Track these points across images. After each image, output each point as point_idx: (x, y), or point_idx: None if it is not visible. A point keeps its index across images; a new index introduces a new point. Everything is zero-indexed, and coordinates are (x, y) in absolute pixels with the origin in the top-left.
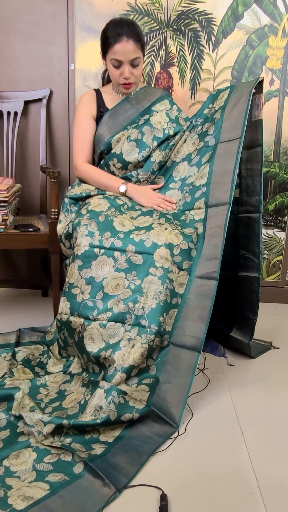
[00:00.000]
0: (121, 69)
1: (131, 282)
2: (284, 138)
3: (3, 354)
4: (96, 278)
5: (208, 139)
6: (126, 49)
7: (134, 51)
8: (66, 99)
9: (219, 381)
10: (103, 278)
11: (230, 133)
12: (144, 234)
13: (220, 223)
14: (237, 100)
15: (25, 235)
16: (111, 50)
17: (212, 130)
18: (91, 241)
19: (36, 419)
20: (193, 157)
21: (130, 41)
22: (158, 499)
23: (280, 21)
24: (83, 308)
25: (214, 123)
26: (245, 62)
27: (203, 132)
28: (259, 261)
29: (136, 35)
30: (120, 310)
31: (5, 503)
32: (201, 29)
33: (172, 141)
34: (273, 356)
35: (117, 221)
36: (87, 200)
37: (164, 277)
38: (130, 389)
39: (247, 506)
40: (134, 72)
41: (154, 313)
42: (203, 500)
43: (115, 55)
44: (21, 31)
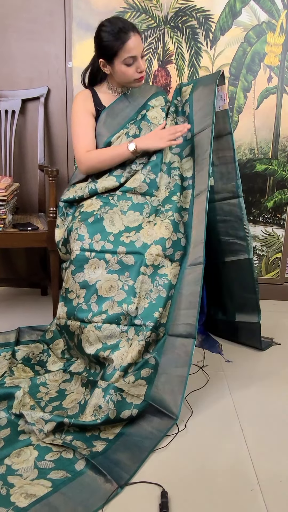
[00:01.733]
0: (135, 64)
1: (124, 283)
2: (282, 135)
3: (3, 353)
4: (89, 281)
5: (184, 134)
6: (136, 43)
7: (141, 43)
8: (64, 97)
9: (218, 378)
10: (96, 281)
11: (201, 124)
12: (134, 235)
13: (201, 207)
14: (202, 92)
15: (24, 234)
16: (124, 50)
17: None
18: (82, 245)
19: (37, 417)
20: (174, 146)
21: (136, 35)
22: (158, 496)
23: (278, 18)
24: (78, 312)
25: (187, 116)
26: (243, 59)
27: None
28: (247, 243)
29: (136, 28)
30: (114, 312)
31: (7, 501)
32: (198, 26)
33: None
34: (273, 353)
35: (107, 219)
36: (81, 203)
37: (154, 275)
38: (127, 385)
39: (247, 502)
40: (144, 64)
41: (147, 312)
42: (203, 497)
43: (130, 52)
44: (18, 29)
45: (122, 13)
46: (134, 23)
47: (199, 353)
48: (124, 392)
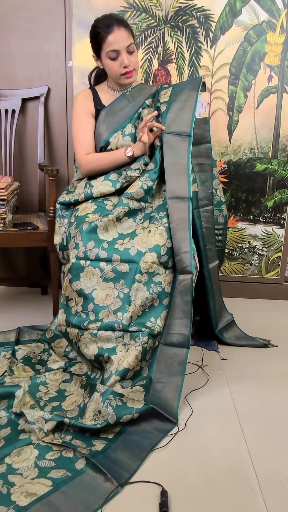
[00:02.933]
0: (119, 59)
1: (120, 291)
2: (283, 135)
3: (3, 353)
4: (85, 289)
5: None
6: (119, 36)
7: (127, 38)
8: (64, 97)
9: (218, 377)
10: (93, 290)
11: (176, 125)
12: (128, 242)
13: (183, 216)
14: (179, 96)
15: (24, 234)
16: (106, 43)
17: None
18: (77, 253)
19: (37, 416)
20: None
21: (121, 29)
22: (158, 495)
23: (278, 17)
24: (76, 319)
25: (161, 114)
26: (243, 59)
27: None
28: (216, 249)
29: (124, 21)
30: (109, 320)
31: (8, 500)
32: (199, 26)
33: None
34: (272, 352)
35: (101, 226)
36: (77, 207)
37: (149, 282)
38: (125, 391)
39: (247, 502)
40: (132, 59)
41: (141, 320)
42: (203, 496)
43: (111, 46)
44: (17, 28)
45: (122, 12)
46: (135, 22)
47: (199, 352)
48: (125, 396)
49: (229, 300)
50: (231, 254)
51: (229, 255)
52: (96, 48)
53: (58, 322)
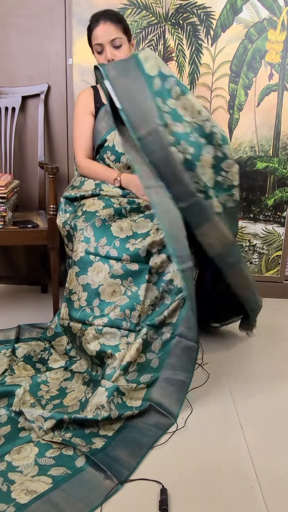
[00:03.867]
0: (104, 53)
1: (127, 289)
2: (283, 133)
3: (3, 351)
4: (92, 284)
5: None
6: (103, 30)
7: (113, 32)
8: (64, 94)
9: (218, 376)
10: (99, 285)
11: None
12: (140, 242)
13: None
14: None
15: (24, 232)
16: (93, 37)
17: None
18: (87, 248)
19: (36, 415)
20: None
21: (107, 22)
22: (158, 493)
23: (279, 15)
24: (80, 314)
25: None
26: (244, 57)
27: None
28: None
29: (113, 16)
30: (116, 317)
31: (8, 498)
32: (199, 23)
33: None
34: (273, 351)
35: (114, 225)
36: (82, 201)
37: (160, 282)
38: (128, 389)
39: (247, 500)
40: (117, 53)
41: (150, 318)
42: (202, 494)
43: (96, 39)
44: (17, 26)
45: (123, 10)
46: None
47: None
48: (125, 396)
49: None
50: None
51: None
52: (89, 41)
53: (61, 316)
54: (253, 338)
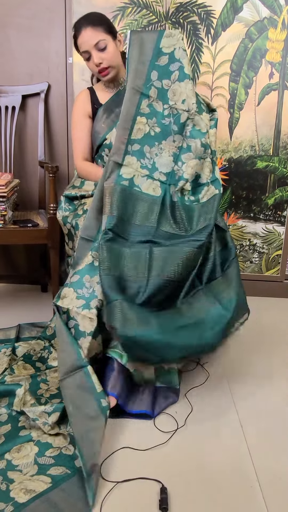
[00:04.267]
0: (91, 59)
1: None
2: (284, 132)
3: (3, 350)
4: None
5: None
6: (85, 38)
7: (94, 36)
8: (64, 93)
9: (218, 375)
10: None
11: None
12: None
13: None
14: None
15: (24, 231)
16: (78, 46)
17: None
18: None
19: (39, 412)
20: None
21: (87, 29)
22: (158, 492)
23: (280, 14)
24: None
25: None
26: (244, 56)
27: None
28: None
29: (92, 21)
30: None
31: (7, 496)
32: (200, 22)
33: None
34: (273, 350)
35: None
36: (83, 200)
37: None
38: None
39: (247, 499)
40: (103, 56)
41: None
42: (202, 493)
43: (81, 48)
44: (18, 25)
45: (123, 9)
46: (135, 18)
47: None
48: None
49: None
50: None
51: None
52: (77, 51)
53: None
54: (253, 337)
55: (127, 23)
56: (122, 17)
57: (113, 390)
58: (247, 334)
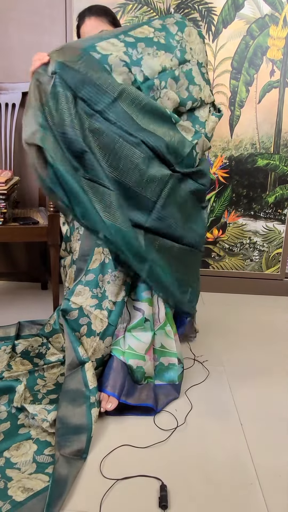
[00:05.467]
0: None
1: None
2: (285, 130)
3: (3, 347)
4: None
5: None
6: (88, 27)
7: (98, 26)
8: None
9: (218, 373)
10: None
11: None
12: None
13: None
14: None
15: (24, 228)
16: (80, 35)
17: None
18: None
19: (39, 408)
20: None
21: (91, 18)
22: (157, 490)
23: (281, 11)
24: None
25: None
26: (245, 53)
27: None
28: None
29: (97, 11)
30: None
31: (5, 495)
32: (201, 19)
33: None
34: (273, 348)
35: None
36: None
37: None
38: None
39: (246, 496)
40: None
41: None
42: (202, 490)
43: (84, 36)
44: (17, 21)
45: (124, 5)
46: (136, 15)
47: (199, 348)
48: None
49: (229, 296)
50: (231, 250)
51: (230, 250)
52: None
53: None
54: (254, 335)
55: (128, 19)
56: (123, 14)
57: (113, 390)
58: (247, 332)
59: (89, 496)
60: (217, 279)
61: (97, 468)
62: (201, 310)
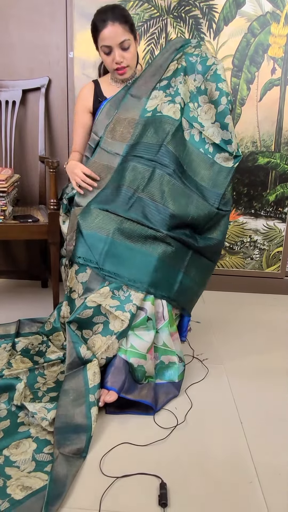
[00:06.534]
0: (112, 54)
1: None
2: (286, 128)
3: (3, 345)
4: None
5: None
6: (112, 33)
7: (121, 34)
8: (65, 88)
9: (218, 371)
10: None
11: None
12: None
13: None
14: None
15: (24, 226)
16: (100, 38)
17: None
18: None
19: (39, 407)
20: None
21: (115, 24)
22: (157, 487)
23: (283, 8)
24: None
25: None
26: (246, 51)
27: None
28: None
29: (121, 17)
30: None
31: (3, 493)
32: (202, 16)
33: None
34: (272, 346)
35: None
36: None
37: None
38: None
39: (246, 495)
40: (125, 55)
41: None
42: (202, 488)
43: (104, 41)
44: (18, 18)
45: (124, 2)
46: (137, 12)
47: (199, 346)
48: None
49: (229, 294)
50: (232, 248)
51: (230, 249)
52: (94, 39)
53: (62, 314)
54: (254, 333)
55: None
56: None
57: (114, 385)
58: (247, 330)
59: (89, 493)
60: (217, 277)
61: (97, 465)
62: (202, 309)
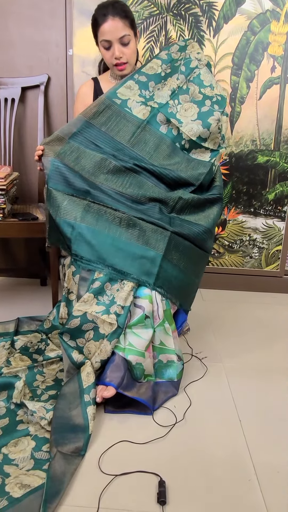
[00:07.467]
0: (111, 49)
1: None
2: (285, 127)
3: (2, 343)
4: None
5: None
6: (112, 27)
7: (121, 29)
8: (64, 85)
9: (217, 369)
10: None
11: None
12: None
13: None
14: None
15: (24, 224)
16: (100, 32)
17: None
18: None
19: (38, 406)
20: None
21: (116, 19)
22: (156, 485)
23: (283, 6)
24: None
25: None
26: (246, 49)
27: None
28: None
29: (121, 12)
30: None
31: (2, 491)
32: (201, 14)
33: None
34: (271, 345)
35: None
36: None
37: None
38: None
39: (245, 492)
40: (125, 51)
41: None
42: (201, 486)
43: (104, 35)
44: (18, 15)
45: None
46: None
47: (198, 344)
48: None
49: (228, 293)
50: (231, 246)
51: (229, 247)
52: (94, 34)
53: (60, 315)
54: (253, 332)
55: None
56: None
57: (112, 381)
58: (246, 328)
59: (88, 491)
60: (216, 276)
61: (95, 463)
62: (201, 307)
